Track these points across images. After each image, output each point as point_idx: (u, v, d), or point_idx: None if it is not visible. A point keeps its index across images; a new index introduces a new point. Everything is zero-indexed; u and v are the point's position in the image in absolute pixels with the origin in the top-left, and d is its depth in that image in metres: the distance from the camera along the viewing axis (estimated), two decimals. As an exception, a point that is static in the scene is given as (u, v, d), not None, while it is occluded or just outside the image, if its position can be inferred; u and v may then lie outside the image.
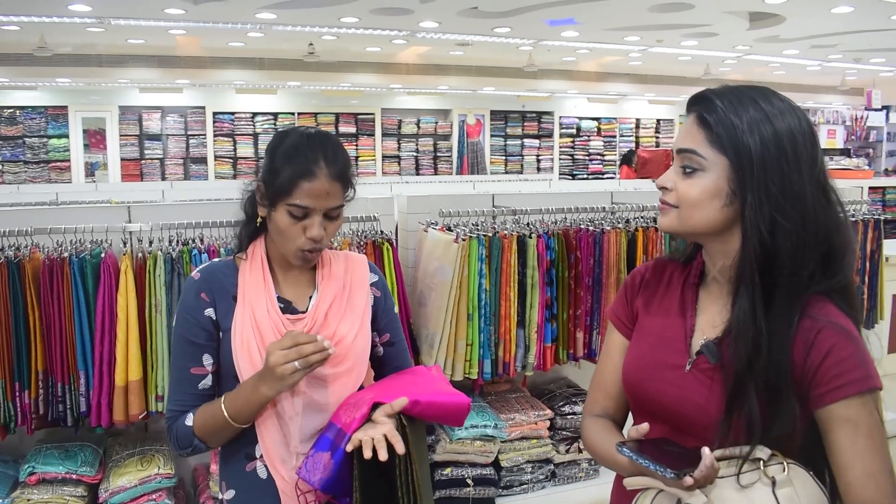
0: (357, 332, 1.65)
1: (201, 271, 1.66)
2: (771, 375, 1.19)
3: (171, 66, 10.84)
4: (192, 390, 1.60)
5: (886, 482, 1.16)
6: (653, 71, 14.06)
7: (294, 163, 1.53)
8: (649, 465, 1.12)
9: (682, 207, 1.27)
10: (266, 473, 1.60)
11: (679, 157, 1.29)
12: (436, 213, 3.48)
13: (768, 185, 1.20)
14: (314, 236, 1.54)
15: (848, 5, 7.53)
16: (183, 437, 1.57)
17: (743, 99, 1.24)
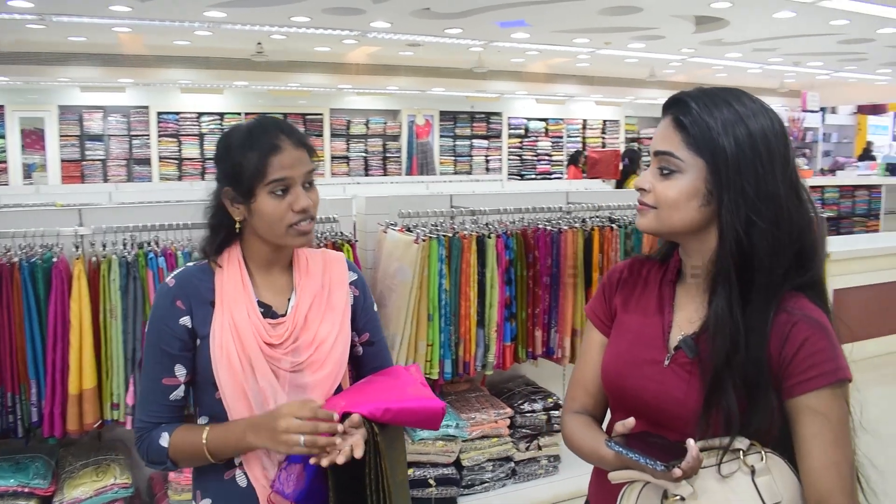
0: (337, 334, 1.62)
1: (176, 277, 1.59)
2: (749, 370, 1.22)
3: (114, 65, 10.58)
4: (163, 401, 1.53)
5: (847, 473, 1.20)
6: (600, 73, 14.26)
7: (255, 146, 1.50)
8: (639, 458, 1.13)
9: (661, 208, 1.29)
10: (246, 482, 1.55)
11: (656, 160, 1.31)
12: (394, 213, 3.46)
13: (744, 185, 1.23)
14: (303, 206, 1.52)
15: (790, 11, 7.76)
16: (155, 455, 1.52)
17: (717, 101, 1.27)
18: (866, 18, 8.02)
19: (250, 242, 1.60)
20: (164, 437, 1.51)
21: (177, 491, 2.97)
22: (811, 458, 1.20)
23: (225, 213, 1.58)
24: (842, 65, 12.64)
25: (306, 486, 1.47)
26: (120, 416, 2.89)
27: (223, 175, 1.56)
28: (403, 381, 1.62)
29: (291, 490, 1.47)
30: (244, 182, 1.50)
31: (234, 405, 1.51)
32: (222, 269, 1.58)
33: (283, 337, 1.54)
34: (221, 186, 1.56)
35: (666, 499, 1.19)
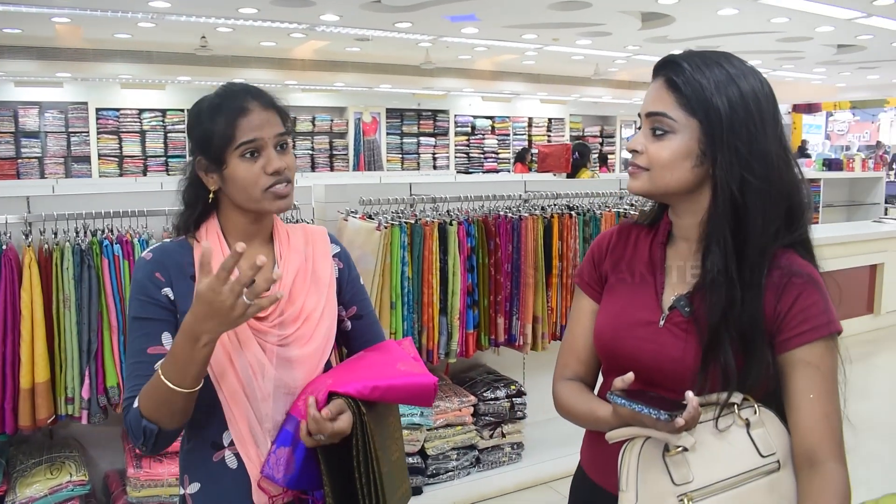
0: (324, 307, 1.57)
1: (153, 251, 1.52)
2: (745, 326, 1.23)
3: (51, 59, 10.21)
4: (148, 372, 1.40)
5: (835, 423, 1.23)
6: (545, 71, 14.39)
7: (222, 111, 1.46)
8: (643, 409, 1.14)
9: (654, 169, 1.29)
10: (236, 463, 1.49)
11: (648, 121, 1.31)
12: (354, 201, 3.43)
13: (737, 145, 1.24)
14: (276, 168, 1.45)
15: (733, 8, 7.94)
16: (134, 425, 1.37)
17: (708, 62, 1.28)
18: (805, 16, 8.26)
19: (228, 215, 1.54)
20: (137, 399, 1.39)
21: (136, 487, 2.88)
22: (802, 410, 1.22)
23: (200, 185, 1.52)
24: (780, 63, 13.00)
25: (297, 470, 1.43)
26: (75, 410, 2.79)
27: (195, 144, 1.50)
28: (394, 356, 1.56)
29: (282, 475, 1.42)
30: (214, 148, 1.46)
31: (222, 380, 1.45)
32: (200, 244, 1.51)
33: (268, 310, 1.46)
34: (195, 157, 1.51)
35: (668, 452, 1.20)
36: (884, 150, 17.75)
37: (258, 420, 1.47)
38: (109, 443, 3.18)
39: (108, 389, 2.80)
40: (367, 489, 1.41)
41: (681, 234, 1.37)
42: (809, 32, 9.59)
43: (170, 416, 1.36)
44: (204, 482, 1.52)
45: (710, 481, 1.19)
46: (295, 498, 1.51)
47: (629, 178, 1.35)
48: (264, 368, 1.46)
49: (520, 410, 3.71)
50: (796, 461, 1.23)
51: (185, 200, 1.56)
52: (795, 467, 1.23)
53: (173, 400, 1.33)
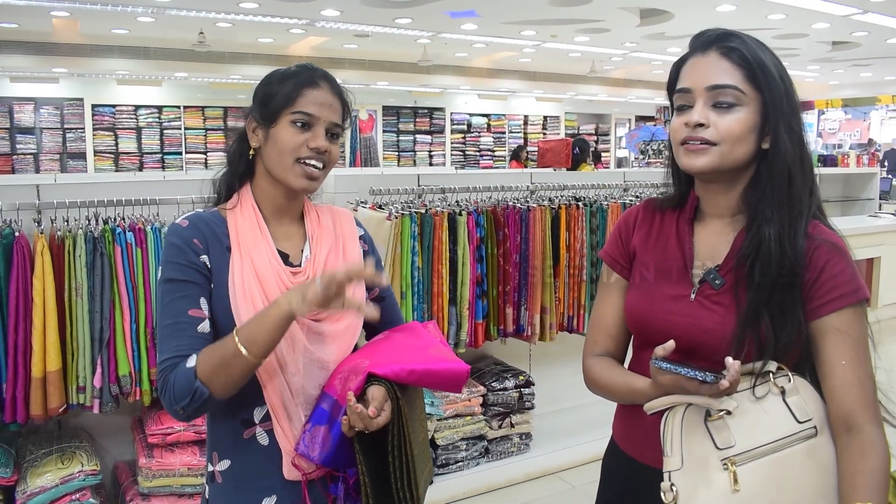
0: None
1: (189, 218, 1.49)
2: (787, 292, 1.25)
3: (47, 54, 10.15)
4: (188, 332, 1.39)
5: (870, 387, 1.25)
6: (541, 68, 14.41)
7: (294, 78, 1.49)
8: (689, 372, 1.15)
9: (725, 143, 1.28)
10: (268, 440, 1.48)
11: (710, 94, 1.29)
12: (363, 192, 3.43)
13: (790, 119, 1.28)
14: (319, 146, 1.46)
15: (731, 4, 7.97)
16: (182, 384, 1.34)
17: (757, 40, 1.31)
18: (802, 13, 8.31)
19: (261, 186, 1.54)
20: (192, 359, 1.36)
21: (147, 477, 2.87)
22: (835, 376, 1.25)
23: (244, 142, 1.55)
24: (774, 61, 13.05)
25: (332, 449, 1.42)
26: (86, 399, 2.78)
27: (255, 102, 1.53)
28: (425, 340, 1.56)
29: (317, 453, 1.42)
30: (271, 106, 1.48)
31: None
32: (234, 213, 1.52)
33: None
34: (249, 115, 1.54)
35: (709, 417, 1.22)
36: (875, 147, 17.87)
37: (291, 394, 1.47)
38: (118, 433, 3.17)
39: (119, 378, 2.79)
40: (401, 471, 1.42)
41: (712, 210, 1.39)
42: (805, 29, 9.64)
43: (224, 383, 1.35)
44: (234, 459, 1.50)
45: (751, 446, 1.21)
46: (326, 474, 1.51)
47: (687, 156, 1.31)
48: (296, 342, 1.45)
49: (528, 401, 3.72)
50: (833, 427, 1.24)
51: (230, 160, 1.59)
52: (833, 433, 1.24)
53: (235, 361, 1.33)
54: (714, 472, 1.20)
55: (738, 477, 1.18)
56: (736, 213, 1.35)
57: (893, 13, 8.44)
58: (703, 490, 1.19)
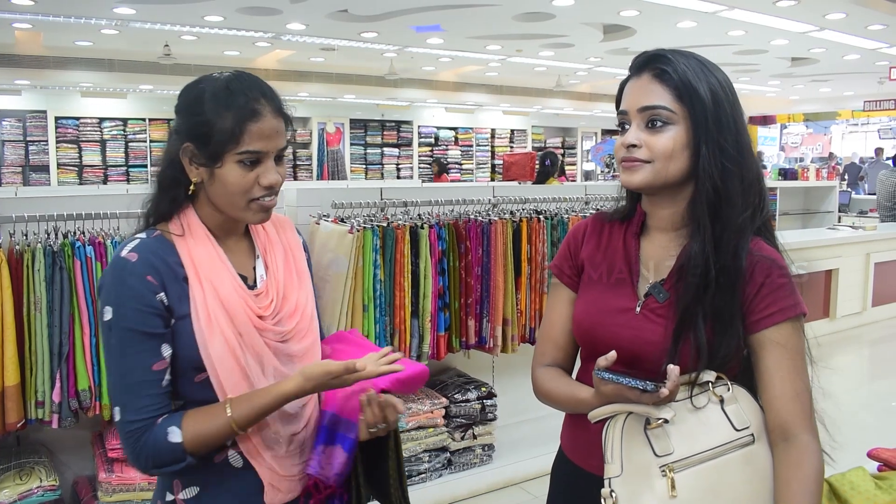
0: (311, 300, 1.53)
1: (136, 251, 1.36)
2: (722, 307, 1.30)
3: (10, 66, 10.04)
4: (156, 391, 1.32)
5: (806, 398, 1.30)
6: (508, 82, 14.55)
7: (233, 105, 1.33)
8: (629, 381, 1.19)
9: (658, 161, 1.33)
10: (242, 462, 1.41)
11: (643, 115, 1.34)
12: (325, 205, 3.45)
13: (718, 134, 1.31)
14: (273, 182, 1.37)
15: (692, 20, 8.13)
16: (167, 455, 1.31)
17: (686, 55, 1.35)
18: (761, 29, 8.50)
19: (206, 209, 1.44)
20: (174, 433, 1.31)
21: (107, 492, 2.85)
22: (773, 388, 1.29)
23: (181, 171, 1.40)
24: (736, 76, 13.31)
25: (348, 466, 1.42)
26: (45, 414, 2.75)
27: (187, 129, 1.37)
28: (371, 346, 1.58)
29: (334, 472, 1.40)
30: (212, 144, 1.34)
31: (230, 384, 1.37)
32: (184, 239, 1.40)
33: (269, 308, 1.43)
34: (181, 140, 1.38)
35: (649, 426, 1.25)
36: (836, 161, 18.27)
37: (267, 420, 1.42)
38: (78, 448, 3.15)
39: (79, 392, 2.77)
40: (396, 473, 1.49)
41: (657, 224, 1.43)
42: (764, 45, 9.87)
43: (208, 450, 1.35)
44: (203, 485, 1.42)
45: (688, 453, 1.25)
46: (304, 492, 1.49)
47: (625, 173, 1.36)
48: (266, 365, 1.41)
49: (490, 412, 3.76)
50: (771, 436, 1.29)
51: (161, 184, 1.44)
52: (770, 442, 1.29)
53: (224, 437, 1.35)
54: (654, 478, 1.23)
55: (676, 483, 1.22)
56: (680, 228, 1.39)
57: (849, 31, 8.67)
58: (642, 496, 1.23)
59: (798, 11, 7.50)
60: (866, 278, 7.55)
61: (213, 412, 1.34)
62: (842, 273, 7.26)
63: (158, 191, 1.44)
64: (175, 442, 1.30)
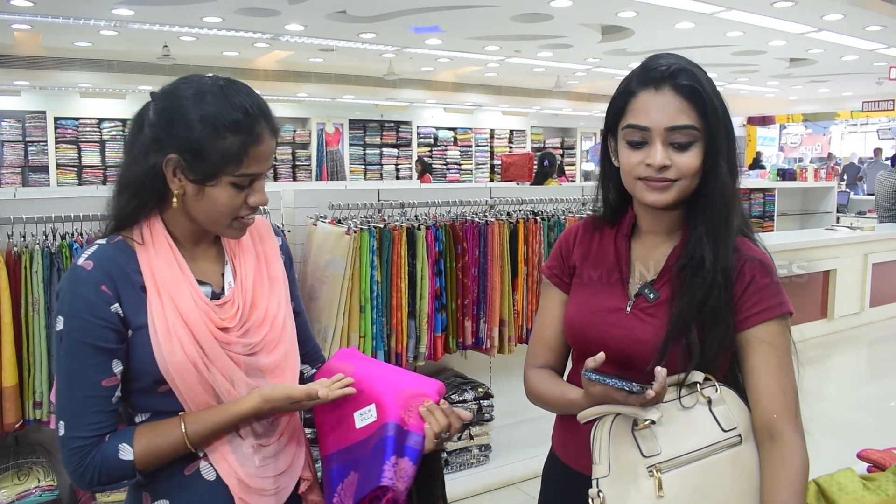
0: (285, 308, 1.48)
1: (93, 259, 1.30)
2: (716, 306, 1.32)
3: (9, 66, 10.07)
4: (105, 407, 1.28)
5: (792, 397, 1.31)
6: (507, 83, 14.57)
7: (233, 127, 1.28)
8: (616, 382, 1.20)
9: (684, 178, 1.34)
10: (213, 474, 1.36)
11: (668, 134, 1.32)
12: (323, 206, 3.46)
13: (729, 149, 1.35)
14: (261, 202, 1.35)
15: (690, 21, 8.15)
16: (115, 472, 1.27)
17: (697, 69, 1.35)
18: (759, 30, 8.51)
19: (177, 219, 1.38)
20: (125, 450, 1.27)
21: (105, 493, 2.86)
22: (760, 385, 1.31)
23: (160, 182, 1.32)
24: (735, 76, 13.34)
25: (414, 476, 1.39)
26: (43, 415, 2.77)
27: (176, 141, 1.29)
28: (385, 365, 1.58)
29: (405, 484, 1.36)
30: (210, 162, 1.29)
31: (192, 398, 1.33)
32: (145, 248, 1.34)
33: (234, 319, 1.38)
34: (166, 153, 1.30)
35: (636, 426, 1.27)
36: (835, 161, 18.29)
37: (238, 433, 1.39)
38: (76, 449, 3.15)
39: (77, 393, 2.79)
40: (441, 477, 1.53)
41: (650, 228, 1.45)
42: (763, 46, 9.88)
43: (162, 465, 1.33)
44: (174, 498, 1.37)
45: (676, 454, 1.26)
46: None
47: (654, 193, 1.35)
48: (236, 381, 1.36)
49: (487, 413, 3.77)
50: (757, 435, 1.30)
51: (134, 191, 1.34)
52: (757, 441, 1.30)
53: (177, 454, 1.32)
54: (641, 479, 1.25)
55: (663, 483, 1.24)
56: (672, 231, 1.42)
57: (847, 32, 8.69)
58: (630, 496, 1.24)
59: (795, 12, 7.51)
60: (864, 279, 7.57)
61: (166, 429, 1.31)
62: (840, 273, 7.27)
63: (127, 195, 1.35)
64: (126, 459, 1.27)
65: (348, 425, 1.44)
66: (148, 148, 1.32)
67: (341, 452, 1.45)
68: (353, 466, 1.42)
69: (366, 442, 1.41)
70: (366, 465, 1.38)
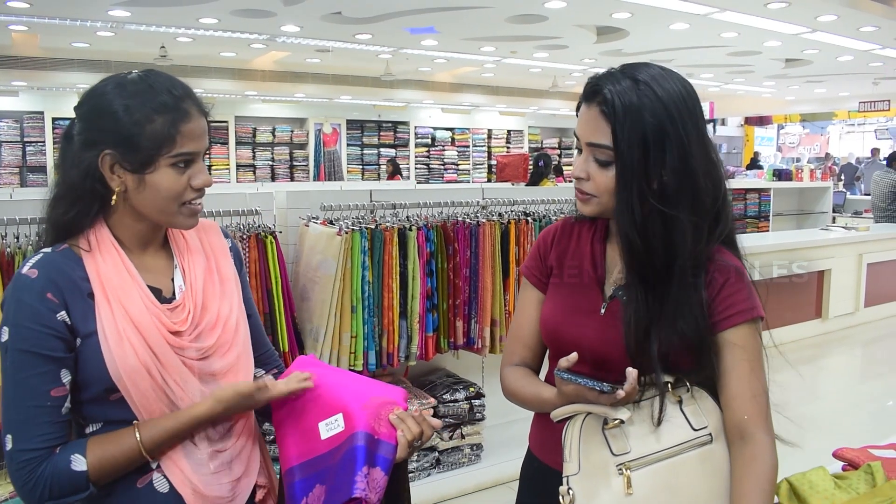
0: (238, 309, 1.46)
1: (37, 266, 1.27)
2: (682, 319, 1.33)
3: (7, 67, 10.09)
4: (55, 418, 1.24)
5: (763, 400, 1.33)
6: (504, 83, 14.59)
7: (160, 108, 1.28)
8: (587, 382, 1.23)
9: (602, 195, 1.36)
10: (167, 486, 1.33)
11: (589, 149, 1.36)
12: (315, 207, 3.49)
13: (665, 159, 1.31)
14: (204, 183, 1.35)
15: (684, 22, 8.17)
16: (67, 485, 1.23)
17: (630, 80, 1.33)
18: (754, 31, 8.53)
19: (123, 221, 1.37)
20: (78, 460, 1.24)
21: None
22: (731, 388, 1.33)
23: (99, 182, 1.31)
24: (731, 77, 13.35)
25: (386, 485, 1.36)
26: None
27: (106, 136, 1.29)
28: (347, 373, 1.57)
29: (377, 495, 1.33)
30: (143, 148, 1.28)
31: (146, 406, 1.31)
32: (92, 254, 1.32)
33: (186, 322, 1.36)
34: (99, 150, 1.29)
35: (606, 425, 1.29)
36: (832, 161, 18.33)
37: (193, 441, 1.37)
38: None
39: (69, 393, 2.81)
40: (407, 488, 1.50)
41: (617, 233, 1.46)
42: (758, 47, 9.89)
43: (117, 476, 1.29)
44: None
45: (645, 452, 1.28)
46: None
47: (578, 202, 1.42)
48: (188, 386, 1.35)
49: (479, 412, 3.79)
50: (728, 435, 1.32)
51: (72, 195, 1.32)
52: (728, 441, 1.32)
53: (133, 464, 1.30)
54: (611, 477, 1.27)
55: (633, 481, 1.26)
56: None
57: (841, 32, 8.70)
58: (599, 494, 1.26)
59: (789, 13, 7.53)
60: (859, 279, 7.59)
61: (120, 437, 1.29)
62: (834, 274, 7.30)
63: (66, 203, 1.33)
64: (78, 470, 1.24)
65: (313, 436, 1.41)
66: (80, 152, 1.32)
67: (305, 465, 1.41)
68: (319, 479, 1.38)
69: (334, 453, 1.37)
70: (335, 476, 1.34)
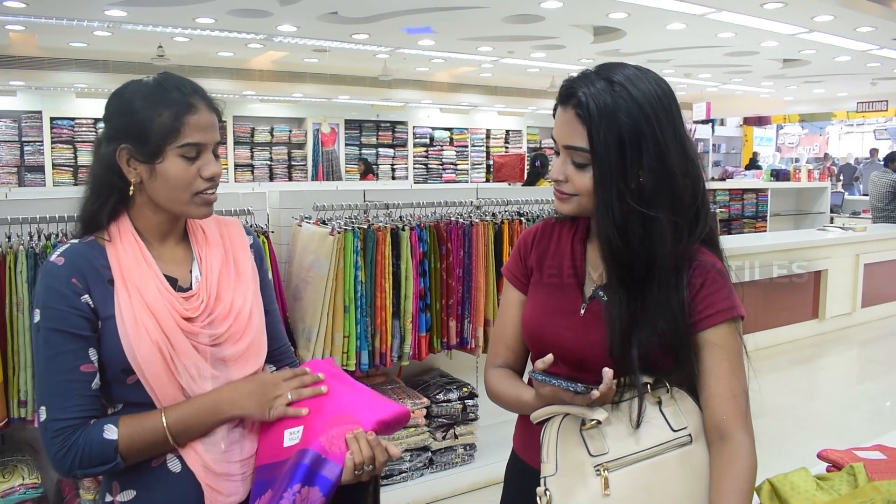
0: (252, 302, 1.52)
1: (64, 255, 1.38)
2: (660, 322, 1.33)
3: (4, 67, 10.09)
4: (86, 391, 1.33)
5: (743, 400, 1.33)
6: (502, 83, 14.59)
7: (169, 101, 1.37)
8: (561, 383, 1.23)
9: (582, 195, 1.37)
10: (179, 466, 1.40)
11: (566, 152, 1.37)
12: (308, 207, 3.50)
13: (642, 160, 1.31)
14: (214, 173, 1.42)
15: (681, 23, 8.17)
16: (98, 452, 1.31)
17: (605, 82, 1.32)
18: (751, 31, 8.53)
19: (142, 213, 1.45)
20: (110, 430, 1.32)
21: (90, 490, 2.90)
22: (710, 387, 1.33)
23: (117, 175, 1.41)
24: (729, 77, 13.35)
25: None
26: (27, 413, 2.79)
27: (122, 131, 1.39)
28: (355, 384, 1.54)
29: None
30: (152, 139, 1.37)
31: (160, 388, 1.38)
32: (113, 244, 1.41)
33: (199, 310, 1.43)
34: (116, 144, 1.39)
35: (584, 426, 1.29)
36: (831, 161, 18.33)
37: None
38: (62, 447, 3.18)
39: (61, 392, 2.81)
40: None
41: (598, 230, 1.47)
42: (755, 47, 9.89)
43: (140, 458, 1.37)
44: (140, 489, 1.41)
45: (623, 453, 1.28)
46: None
47: (556, 202, 1.42)
48: (201, 370, 1.41)
49: (472, 412, 3.80)
50: (708, 435, 1.32)
51: (96, 189, 1.43)
52: (707, 441, 1.32)
53: (159, 448, 1.38)
54: (588, 477, 1.27)
55: (610, 482, 1.26)
56: None
57: (838, 33, 8.71)
58: (576, 494, 1.27)
59: (786, 13, 7.53)
60: (856, 279, 7.61)
61: (145, 418, 1.37)
62: (831, 274, 7.31)
63: (94, 197, 1.44)
64: (110, 439, 1.32)
65: (277, 441, 1.42)
66: (104, 149, 1.42)
67: (265, 468, 1.43)
68: (269, 485, 1.38)
69: (284, 463, 1.37)
70: (277, 487, 1.34)
